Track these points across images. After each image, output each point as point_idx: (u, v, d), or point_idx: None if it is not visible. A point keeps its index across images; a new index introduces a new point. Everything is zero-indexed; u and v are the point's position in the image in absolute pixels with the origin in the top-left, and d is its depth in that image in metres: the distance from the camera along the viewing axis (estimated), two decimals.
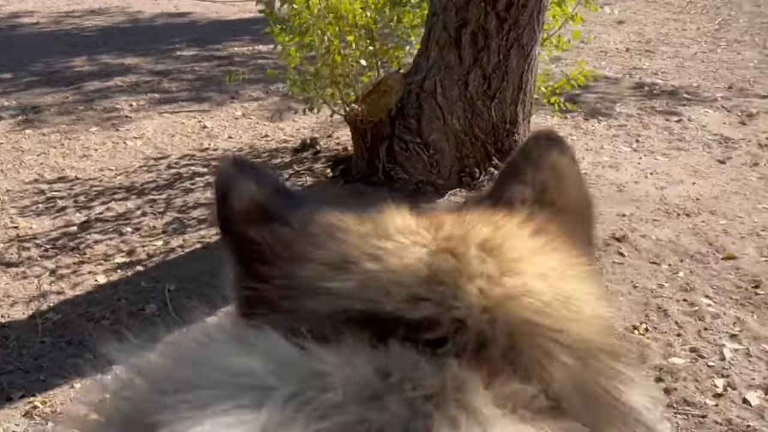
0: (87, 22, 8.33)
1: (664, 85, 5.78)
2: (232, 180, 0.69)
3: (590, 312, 0.61)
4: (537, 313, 0.57)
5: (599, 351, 0.58)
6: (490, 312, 0.56)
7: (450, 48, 3.44)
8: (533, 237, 0.64)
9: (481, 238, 0.61)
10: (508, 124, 3.59)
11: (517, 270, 0.59)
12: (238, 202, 0.68)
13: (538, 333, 0.56)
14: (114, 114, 4.93)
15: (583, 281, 0.63)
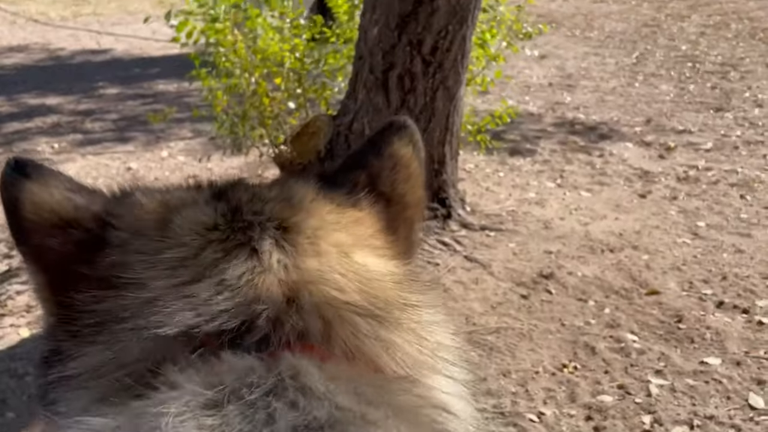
0: (6, 60, 8.11)
1: (585, 120, 5.96)
2: (18, 186, 0.65)
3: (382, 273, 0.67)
4: (336, 290, 0.62)
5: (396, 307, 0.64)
6: (295, 301, 0.60)
7: (377, 90, 3.47)
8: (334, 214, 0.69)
9: (279, 218, 0.65)
10: (436, 164, 3.63)
11: (313, 250, 0.64)
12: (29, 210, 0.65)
13: (342, 308, 0.62)
14: (35, 157, 4.79)
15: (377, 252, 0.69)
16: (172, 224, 0.65)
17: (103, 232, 0.65)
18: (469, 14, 3.33)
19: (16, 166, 0.66)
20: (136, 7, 12.65)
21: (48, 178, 0.67)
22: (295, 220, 0.67)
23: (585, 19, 11.90)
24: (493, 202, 4.09)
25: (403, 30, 3.32)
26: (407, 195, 0.76)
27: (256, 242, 0.63)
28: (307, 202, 0.69)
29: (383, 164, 0.76)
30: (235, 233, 0.64)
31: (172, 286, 0.60)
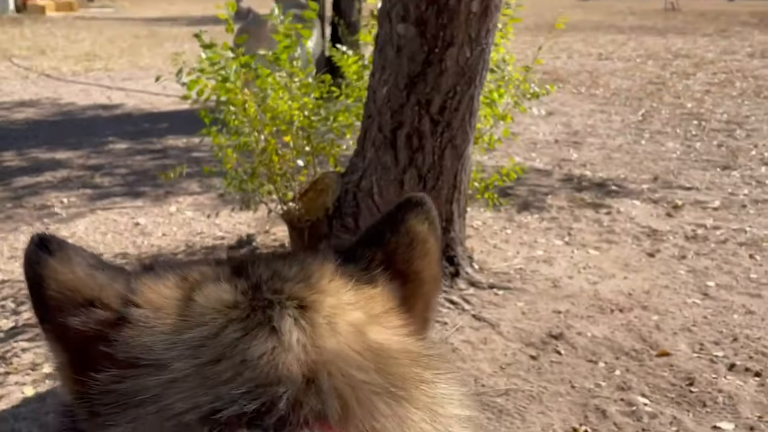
0: (17, 114, 8.22)
1: (592, 177, 5.97)
2: (42, 263, 0.65)
3: (398, 350, 0.67)
4: (354, 369, 0.63)
5: (412, 384, 0.65)
6: (314, 381, 0.61)
7: (386, 149, 3.50)
8: (351, 292, 0.69)
9: (298, 297, 0.66)
10: (444, 222, 3.63)
11: (330, 329, 0.65)
12: (53, 287, 0.65)
13: (359, 387, 0.62)
14: (44, 212, 4.82)
15: (393, 329, 0.70)
16: (193, 302, 0.65)
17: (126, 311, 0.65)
18: (477, 75, 3.37)
19: (39, 242, 0.67)
20: (147, 62, 12.87)
21: (71, 255, 0.67)
22: (314, 299, 0.67)
23: (590, 76, 12.03)
24: (501, 260, 4.07)
25: (411, 90, 3.36)
26: (423, 272, 0.77)
27: (276, 321, 0.64)
28: (326, 281, 0.70)
29: (399, 241, 0.76)
30: (255, 312, 0.65)
31: (193, 367, 0.61)
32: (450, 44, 3.24)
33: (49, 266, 0.65)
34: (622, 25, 24.56)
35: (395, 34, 3.32)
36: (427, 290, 0.77)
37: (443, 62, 3.28)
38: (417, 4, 3.19)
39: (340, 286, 0.70)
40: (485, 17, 3.23)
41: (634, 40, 18.89)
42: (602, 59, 14.60)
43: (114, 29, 19.76)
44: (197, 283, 0.68)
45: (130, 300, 0.66)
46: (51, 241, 0.67)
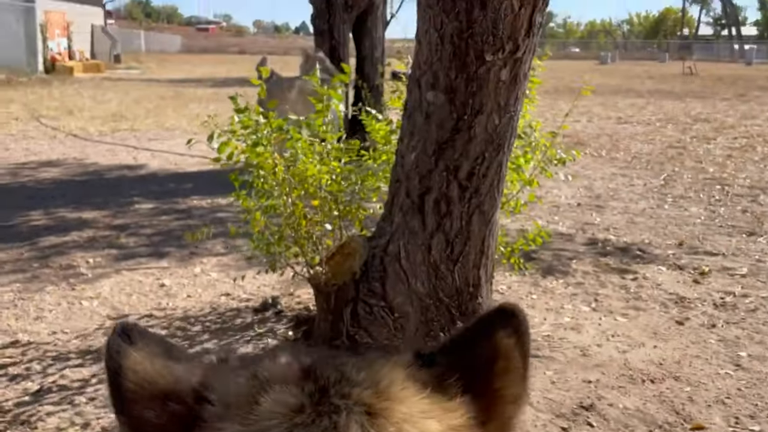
0: (44, 174, 8.35)
1: (616, 242, 5.94)
2: (123, 353, 0.66)
3: None
4: None
5: None
6: None
7: (413, 214, 3.50)
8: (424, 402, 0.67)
9: (367, 403, 0.64)
10: (471, 288, 3.61)
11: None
12: (131, 379, 0.65)
13: None
14: (70, 271, 4.85)
15: None
16: (261, 404, 0.65)
17: (199, 408, 0.65)
18: (506, 141, 3.39)
19: (121, 332, 0.68)
20: (172, 123, 13.09)
21: (150, 346, 0.68)
22: (383, 405, 0.66)
23: (610, 140, 12.09)
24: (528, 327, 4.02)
25: (440, 156, 3.38)
26: (504, 389, 0.74)
27: (342, 428, 0.63)
28: (397, 388, 0.68)
29: (482, 353, 0.74)
30: (321, 417, 0.64)
31: None
32: (479, 112, 3.26)
33: (129, 356, 0.66)
34: (641, 89, 24.78)
35: (424, 100, 3.36)
36: (506, 410, 0.74)
37: (472, 129, 3.30)
38: (447, 72, 3.23)
39: (413, 394, 0.68)
40: (514, 86, 3.26)
41: (653, 104, 19.02)
42: (622, 123, 14.69)
43: (140, 90, 20.17)
44: (266, 382, 0.67)
45: (204, 396, 0.65)
46: (132, 331, 0.68)
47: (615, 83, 27.56)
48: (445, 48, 3.20)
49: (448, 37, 3.18)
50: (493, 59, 3.15)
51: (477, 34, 3.12)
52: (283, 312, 4.23)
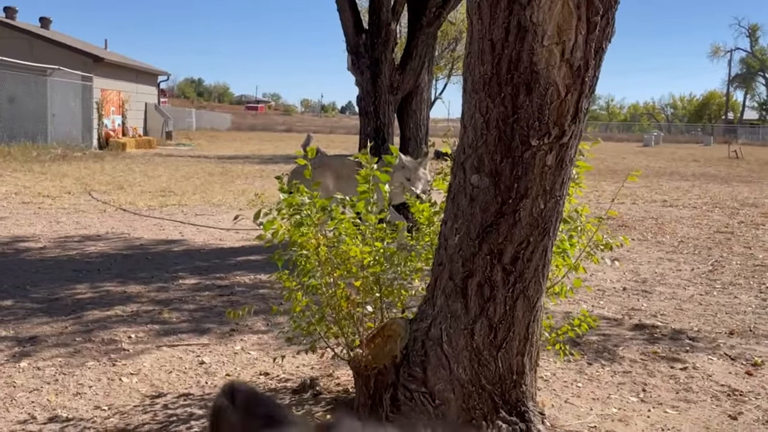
0: (92, 248, 8.49)
1: (664, 329, 5.78)
2: (220, 413, 0.67)
3: None
4: None
5: None
6: None
7: (456, 297, 3.46)
8: None
9: None
10: (515, 375, 3.52)
11: None
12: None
13: None
14: (112, 347, 4.87)
15: None
16: None
17: None
18: (552, 226, 3.36)
19: (227, 391, 0.69)
20: (219, 198, 13.30)
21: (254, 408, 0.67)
22: None
23: (656, 223, 11.94)
24: (574, 417, 3.90)
25: (484, 239, 3.35)
26: None
27: None
28: None
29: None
30: None
31: None
32: (524, 196, 3.25)
33: (225, 417, 0.66)
34: (685, 172, 24.58)
35: (469, 184, 3.36)
36: None
37: (517, 213, 3.28)
38: (492, 156, 3.24)
39: None
40: (560, 170, 3.25)
41: (699, 188, 18.83)
42: (667, 206, 14.52)
43: (189, 166, 20.64)
44: None
45: None
46: (237, 391, 0.68)
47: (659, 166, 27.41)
48: (491, 132, 3.22)
49: (494, 121, 3.19)
50: (538, 144, 3.15)
51: (522, 120, 3.13)
52: (322, 394, 4.16)
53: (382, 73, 9.07)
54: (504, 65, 3.10)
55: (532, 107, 3.11)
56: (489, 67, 3.15)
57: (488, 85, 3.18)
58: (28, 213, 10.97)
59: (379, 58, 9.04)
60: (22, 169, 17.19)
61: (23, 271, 7.10)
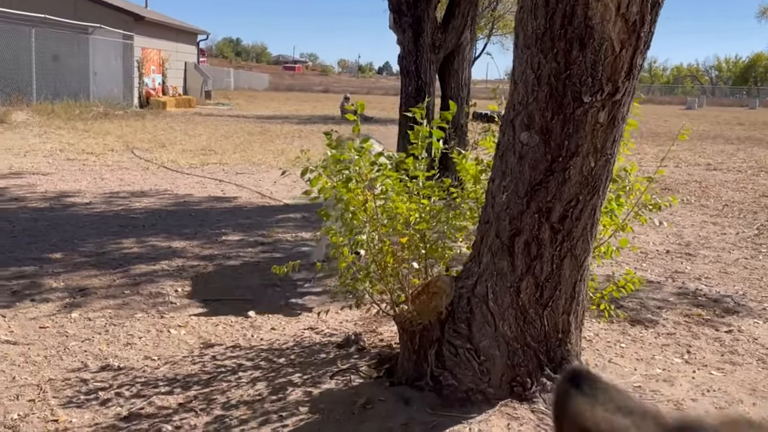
0: (136, 204, 8.62)
1: (708, 292, 5.73)
2: (567, 398, 0.66)
3: None
4: None
5: None
6: None
7: (503, 255, 3.45)
8: None
9: None
10: (560, 334, 3.52)
11: None
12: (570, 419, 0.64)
13: None
14: (159, 300, 4.97)
15: None
16: None
17: None
18: (601, 185, 3.33)
19: (571, 377, 0.68)
20: (259, 158, 13.38)
21: (599, 394, 0.66)
22: None
23: (699, 186, 11.76)
24: (618, 376, 3.90)
25: (532, 197, 3.33)
26: None
27: None
28: None
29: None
30: None
31: None
32: (574, 154, 3.21)
33: (573, 400, 0.66)
34: (730, 136, 24.08)
35: (518, 141, 3.33)
36: None
37: (566, 171, 3.25)
38: (542, 113, 3.20)
39: None
40: (612, 128, 3.20)
41: (744, 151, 18.44)
42: (711, 169, 14.27)
43: (229, 125, 20.75)
44: None
45: None
46: (581, 377, 0.67)
47: (703, 129, 26.86)
48: (542, 89, 3.18)
49: (545, 77, 3.15)
50: (591, 101, 3.11)
51: (575, 76, 3.09)
52: (366, 349, 4.21)
53: (424, 31, 8.97)
54: (557, 20, 3.05)
55: (586, 63, 3.06)
56: (542, 21, 3.10)
57: (540, 41, 3.14)
58: (73, 169, 11.15)
59: (422, 16, 8.94)
60: (66, 127, 17.45)
61: (71, 225, 7.25)
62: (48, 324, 4.40)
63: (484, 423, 3.23)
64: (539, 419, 3.26)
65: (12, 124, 16.89)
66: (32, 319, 4.47)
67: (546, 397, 3.43)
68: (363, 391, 3.59)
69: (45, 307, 4.71)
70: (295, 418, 3.32)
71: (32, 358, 3.89)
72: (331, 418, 3.31)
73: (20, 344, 4.07)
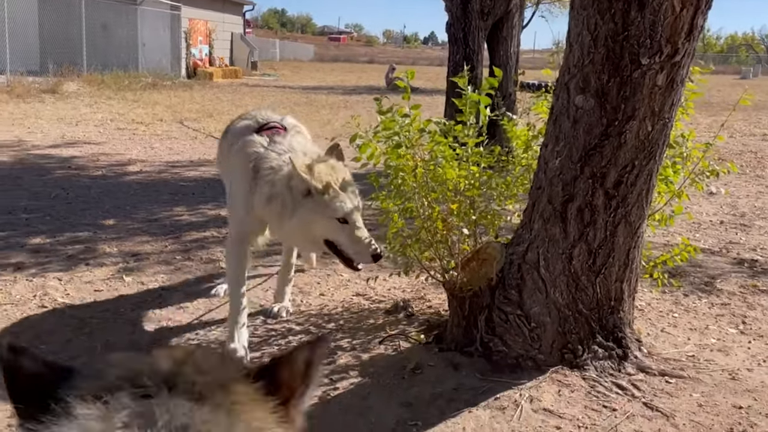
0: (186, 173, 8.72)
1: (765, 263, 5.59)
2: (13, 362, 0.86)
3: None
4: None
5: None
6: None
7: (555, 222, 3.40)
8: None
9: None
10: (613, 301, 3.48)
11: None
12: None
13: None
14: (210, 266, 5.03)
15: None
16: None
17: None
18: (658, 150, 3.25)
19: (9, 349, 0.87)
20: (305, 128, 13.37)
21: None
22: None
23: (755, 157, 11.47)
24: (671, 345, 3.84)
25: (586, 162, 3.27)
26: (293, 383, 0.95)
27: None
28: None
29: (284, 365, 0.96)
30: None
31: None
32: (631, 117, 3.14)
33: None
34: None
35: (572, 105, 3.26)
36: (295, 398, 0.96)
37: (622, 135, 3.18)
38: (598, 75, 3.13)
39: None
40: (670, 91, 3.12)
41: None
42: (767, 140, 13.88)
43: (275, 96, 20.82)
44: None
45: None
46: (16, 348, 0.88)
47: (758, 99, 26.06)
48: (598, 51, 3.10)
49: (602, 39, 3.08)
50: (649, 63, 3.03)
51: (633, 37, 3.01)
52: (414, 315, 4.21)
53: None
54: None
55: (644, 23, 2.98)
56: None
57: (597, 1, 3.06)
58: (123, 138, 11.32)
59: None
60: (116, 97, 17.69)
61: (123, 193, 7.37)
62: (102, 288, 4.49)
63: (535, 389, 3.21)
64: (590, 386, 3.23)
65: (63, 95, 17.18)
66: (87, 283, 4.56)
67: (597, 364, 3.39)
68: (412, 357, 3.59)
69: (99, 271, 4.80)
70: (346, 381, 3.34)
71: (87, 321, 3.97)
72: (381, 382, 3.32)
73: (76, 307, 4.16)
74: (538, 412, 3.05)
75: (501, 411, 3.06)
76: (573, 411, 3.05)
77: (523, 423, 2.96)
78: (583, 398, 3.15)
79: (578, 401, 3.13)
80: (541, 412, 3.04)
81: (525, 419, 2.99)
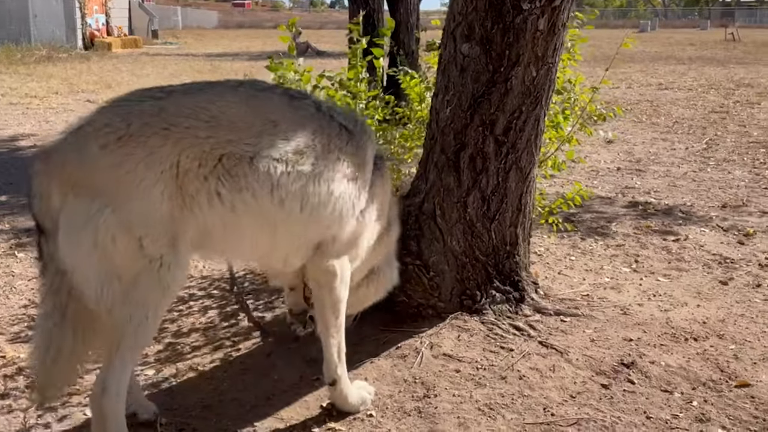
0: None
1: (657, 204, 5.82)
2: None
3: None
4: None
5: None
6: None
7: (449, 171, 3.43)
8: None
9: None
10: (508, 246, 3.54)
11: None
12: None
13: None
14: None
15: None
16: None
17: None
18: (544, 94, 3.30)
19: None
20: None
21: None
22: None
23: (651, 105, 11.86)
24: (567, 287, 3.96)
25: (475, 110, 3.30)
26: None
27: None
28: None
29: None
30: None
31: None
32: (516, 63, 3.18)
33: None
34: (681, 56, 24.24)
35: (459, 53, 3.28)
36: None
37: (509, 82, 3.22)
38: (482, 22, 3.15)
39: None
40: (552, 36, 3.16)
41: (695, 71, 18.60)
42: (662, 89, 14.38)
43: (177, 64, 20.25)
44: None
45: None
46: None
47: (655, 51, 26.96)
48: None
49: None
50: (530, 8, 3.07)
51: None
52: None
53: None
54: None
55: None
56: None
57: None
58: (16, 113, 10.82)
59: None
60: (7, 72, 16.86)
61: (16, 169, 7.05)
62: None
63: (435, 336, 3.26)
64: (488, 329, 3.30)
65: None
66: None
67: (495, 308, 3.46)
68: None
69: None
70: (248, 342, 3.32)
71: None
72: (283, 340, 3.31)
73: None
74: (438, 357, 3.10)
75: (402, 359, 3.09)
76: (472, 354, 3.12)
77: (423, 369, 3.01)
78: (482, 341, 3.22)
79: (477, 344, 3.20)
80: (441, 357, 3.10)
81: (425, 365, 3.04)
